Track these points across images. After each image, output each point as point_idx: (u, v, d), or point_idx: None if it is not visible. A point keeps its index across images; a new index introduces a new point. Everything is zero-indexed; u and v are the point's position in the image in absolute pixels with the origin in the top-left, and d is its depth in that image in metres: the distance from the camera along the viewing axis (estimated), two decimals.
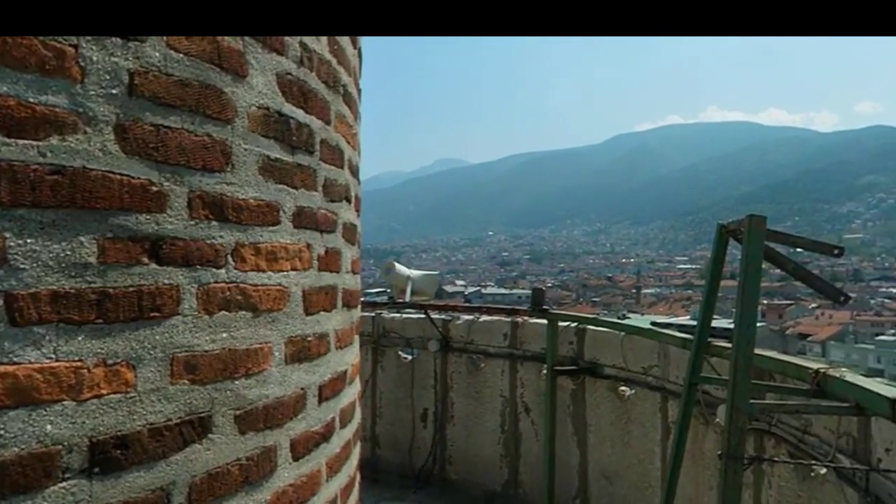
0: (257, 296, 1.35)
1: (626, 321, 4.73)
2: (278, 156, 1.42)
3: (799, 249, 2.99)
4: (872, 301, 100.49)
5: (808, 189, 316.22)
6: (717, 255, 2.92)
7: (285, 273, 1.44)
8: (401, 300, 6.16)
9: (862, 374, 2.49)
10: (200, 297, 1.21)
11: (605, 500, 4.82)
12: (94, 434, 1.02)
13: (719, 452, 2.31)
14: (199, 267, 1.20)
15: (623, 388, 4.66)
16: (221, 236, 1.25)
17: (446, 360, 5.89)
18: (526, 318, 5.49)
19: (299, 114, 1.50)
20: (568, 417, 5.07)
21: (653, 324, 4.33)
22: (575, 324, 5.04)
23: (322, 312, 1.63)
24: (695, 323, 3.42)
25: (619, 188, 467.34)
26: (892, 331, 71.72)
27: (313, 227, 1.58)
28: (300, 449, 1.50)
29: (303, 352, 1.51)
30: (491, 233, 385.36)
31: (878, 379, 2.52)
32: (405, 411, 6.08)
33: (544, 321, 5.11)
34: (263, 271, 1.37)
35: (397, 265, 6.46)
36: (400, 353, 6.17)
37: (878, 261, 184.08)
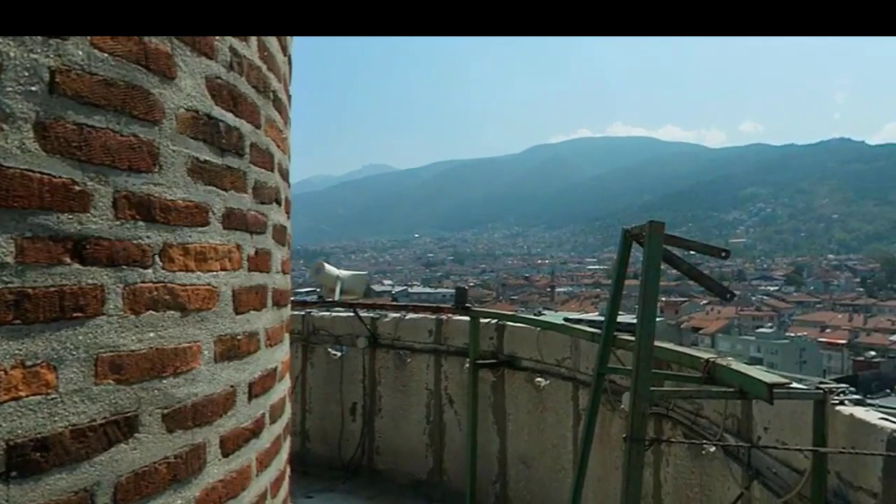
0: (186, 295, 1.29)
1: (541, 318, 4.84)
2: (208, 158, 1.36)
3: (692, 252, 3.14)
4: (753, 298, 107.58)
5: (699, 198, 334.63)
6: (622, 257, 3.03)
7: (215, 273, 1.38)
8: (330, 299, 6.06)
9: (745, 363, 2.65)
10: (126, 297, 1.14)
11: (523, 483, 4.91)
12: (11, 437, 0.94)
13: (624, 436, 2.40)
14: (124, 267, 1.13)
15: (539, 379, 4.76)
16: (149, 237, 1.19)
17: (374, 355, 5.84)
18: (450, 315, 5.52)
19: (229, 117, 1.45)
20: (489, 407, 5.13)
21: (566, 320, 4.45)
22: (495, 320, 5.11)
23: (252, 311, 1.57)
24: (603, 319, 3.54)
25: (536, 195, 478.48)
26: (770, 324, 76.95)
27: (243, 229, 1.52)
28: (230, 445, 1.44)
29: (233, 350, 1.46)
30: (417, 235, 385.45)
31: (758, 366, 2.69)
32: (334, 405, 5.98)
33: (467, 318, 5.16)
34: (192, 271, 1.31)
35: (327, 265, 6.36)
36: (329, 350, 6.07)
37: (758, 262, 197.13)
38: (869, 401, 2.43)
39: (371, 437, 5.82)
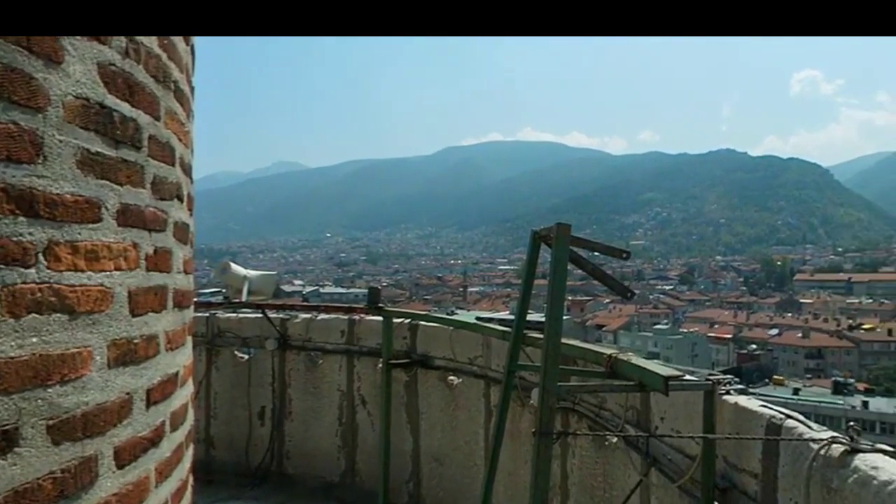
0: (75, 297, 1.19)
1: (454, 317, 4.90)
2: (100, 150, 1.27)
3: (596, 253, 3.29)
4: (651, 297, 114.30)
5: (602, 202, 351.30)
6: (532, 257, 3.12)
7: (108, 273, 1.29)
8: (237, 300, 5.82)
9: (644, 358, 2.80)
10: (5, 299, 1.04)
11: (436, 480, 4.95)
12: None
13: (533, 430, 2.47)
14: (2, 266, 1.03)
15: (451, 377, 4.81)
16: (31, 233, 1.09)
17: (284, 357, 5.68)
18: (363, 315, 5.46)
19: (124, 107, 1.36)
20: (402, 407, 5.13)
21: (478, 319, 4.53)
22: (408, 320, 5.11)
23: (150, 313, 1.48)
24: (513, 317, 3.63)
25: (448, 196, 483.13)
26: (666, 321, 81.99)
27: (140, 226, 1.43)
28: (126, 456, 1.35)
29: (128, 355, 1.37)
30: (329, 235, 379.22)
31: (656, 361, 2.86)
32: (241, 410, 5.76)
33: (380, 318, 5.12)
34: (82, 271, 1.21)
35: (233, 265, 6.10)
36: (236, 352, 5.84)
37: (656, 263, 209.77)
38: (751, 390, 2.66)
39: (281, 442, 5.66)
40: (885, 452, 1.81)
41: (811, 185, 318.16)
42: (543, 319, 2.73)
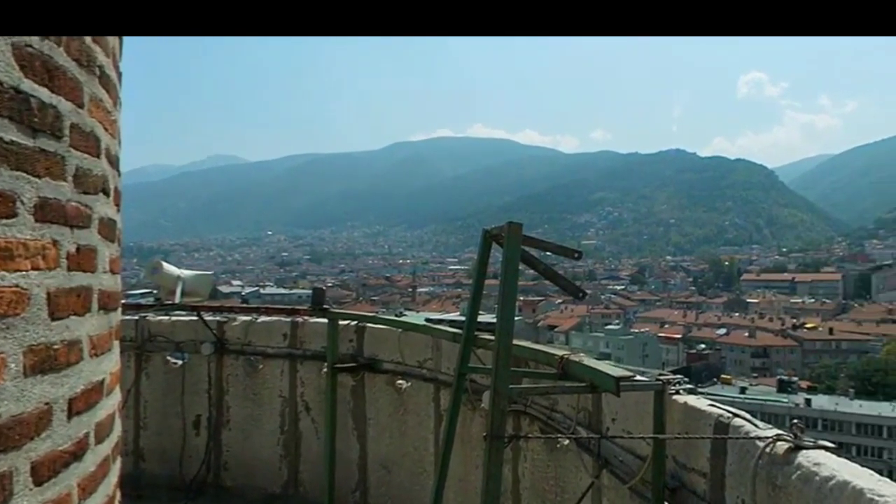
0: None
1: (402, 318, 4.89)
2: (14, 138, 1.20)
3: (548, 253, 3.34)
4: (603, 297, 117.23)
5: (554, 201, 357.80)
6: (483, 257, 3.14)
7: (24, 273, 1.22)
8: (169, 301, 5.63)
9: (595, 358, 2.87)
10: None
11: (384, 489, 4.92)
12: None
13: (484, 434, 2.49)
14: None
15: (400, 381, 4.80)
16: None
17: (222, 362, 5.54)
18: (306, 317, 5.39)
19: (43, 92, 1.29)
20: (348, 413, 5.09)
21: (427, 320, 4.53)
22: (355, 322, 5.07)
23: (73, 317, 1.41)
24: (464, 318, 3.65)
25: (397, 193, 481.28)
26: (617, 321, 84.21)
27: (61, 222, 1.36)
28: (44, 472, 1.28)
29: (47, 361, 1.30)
30: (270, 233, 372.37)
31: (607, 361, 2.93)
32: (174, 419, 5.58)
33: (325, 320, 5.06)
34: None
35: (165, 264, 5.90)
36: (168, 357, 5.65)
37: (607, 263, 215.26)
38: (700, 390, 2.76)
39: (218, 452, 5.51)
40: (826, 449, 1.93)
41: (757, 186, 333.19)
42: (495, 320, 2.76)
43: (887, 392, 47.25)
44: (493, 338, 2.84)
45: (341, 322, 5.04)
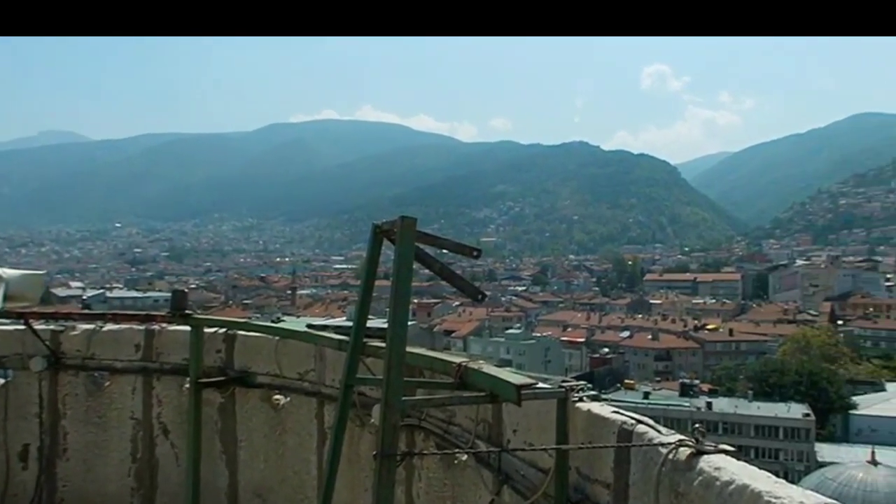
0: None
1: (280, 324, 4.80)
2: None
3: (444, 251, 3.40)
4: (503, 298, 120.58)
5: (451, 194, 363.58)
6: (372, 255, 3.14)
7: None
8: None
9: (495, 365, 2.96)
10: None
11: None
12: None
13: (374, 452, 2.50)
14: None
15: (277, 396, 4.73)
16: None
17: (56, 380, 5.21)
18: (164, 324, 5.16)
19: None
20: (216, 435, 4.94)
21: (309, 326, 4.48)
22: (223, 329, 4.94)
23: None
24: (351, 324, 3.63)
25: (273, 181, 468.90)
26: (518, 325, 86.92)
27: None
28: None
29: None
30: (119, 225, 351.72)
31: (508, 369, 3.03)
32: None
33: (187, 328, 4.89)
34: None
35: None
36: None
37: (508, 262, 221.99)
38: (603, 396, 2.92)
39: (51, 488, 5.17)
40: (726, 453, 2.12)
41: (660, 182, 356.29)
42: (385, 326, 2.77)
43: (783, 393, 52.11)
44: (383, 345, 2.85)
45: (207, 330, 4.89)
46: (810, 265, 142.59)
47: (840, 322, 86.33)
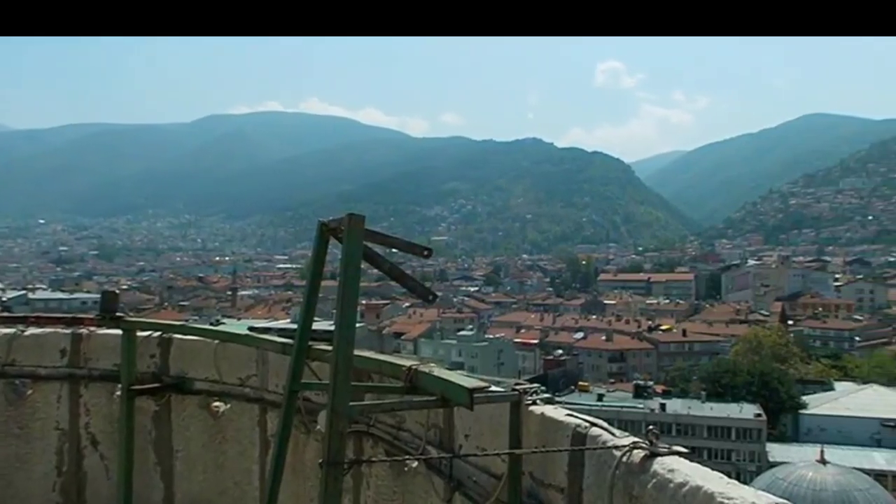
0: None
1: (220, 327, 4.74)
2: None
3: (394, 250, 3.40)
4: (455, 299, 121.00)
5: (402, 191, 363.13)
6: (319, 254, 3.12)
7: None
8: None
9: (447, 368, 2.97)
10: None
11: None
12: None
13: (320, 460, 2.48)
14: None
15: (217, 403, 4.67)
16: None
17: None
18: (93, 328, 5.04)
19: None
20: (150, 445, 4.85)
21: (250, 329, 4.43)
22: (158, 333, 4.86)
23: None
24: (296, 326, 3.60)
25: (212, 176, 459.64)
26: (471, 326, 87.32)
27: None
28: None
29: None
30: (42, 221, 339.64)
31: (460, 371, 3.05)
32: None
33: (118, 331, 4.78)
34: None
35: None
36: None
37: (460, 262, 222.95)
38: (557, 398, 2.96)
39: None
40: (680, 454, 2.18)
41: (614, 181, 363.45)
42: (332, 328, 2.75)
43: (735, 393, 53.80)
44: (330, 348, 2.83)
45: (140, 333, 4.80)
46: (762, 265, 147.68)
47: (790, 322, 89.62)
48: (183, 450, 4.82)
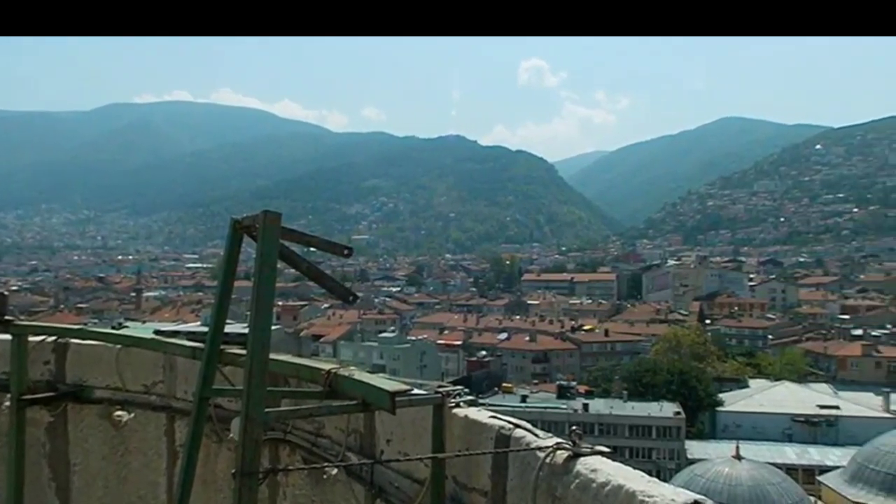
0: None
1: (123, 331, 4.57)
2: None
3: (312, 249, 3.36)
4: (376, 300, 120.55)
5: (320, 188, 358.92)
6: (231, 253, 3.05)
7: None
8: None
9: (368, 371, 2.96)
10: None
11: None
12: None
13: (233, 471, 2.42)
14: None
15: (119, 412, 4.50)
16: None
17: None
18: None
19: None
20: (43, 459, 4.63)
21: (156, 332, 4.28)
22: (53, 337, 4.67)
23: None
24: (206, 329, 3.50)
25: (114, 169, 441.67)
26: (392, 328, 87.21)
27: None
28: None
29: None
30: None
31: (381, 375, 3.03)
32: None
33: (7, 336, 4.55)
34: None
35: None
36: None
37: (381, 261, 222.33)
38: (481, 400, 3.00)
39: None
40: (603, 454, 2.25)
41: (538, 180, 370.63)
42: (246, 331, 2.70)
43: (655, 392, 55.83)
44: (244, 352, 2.78)
45: (32, 338, 4.58)
46: (681, 265, 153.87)
47: (708, 321, 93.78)
48: (81, 463, 4.62)
